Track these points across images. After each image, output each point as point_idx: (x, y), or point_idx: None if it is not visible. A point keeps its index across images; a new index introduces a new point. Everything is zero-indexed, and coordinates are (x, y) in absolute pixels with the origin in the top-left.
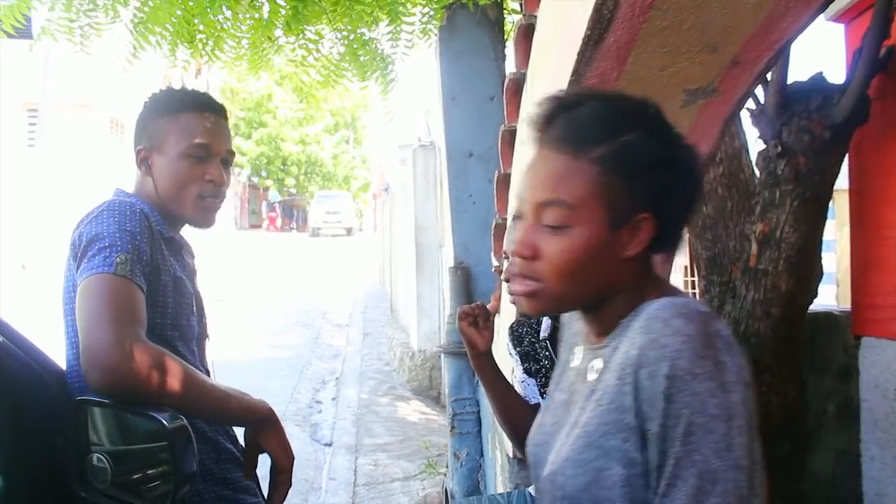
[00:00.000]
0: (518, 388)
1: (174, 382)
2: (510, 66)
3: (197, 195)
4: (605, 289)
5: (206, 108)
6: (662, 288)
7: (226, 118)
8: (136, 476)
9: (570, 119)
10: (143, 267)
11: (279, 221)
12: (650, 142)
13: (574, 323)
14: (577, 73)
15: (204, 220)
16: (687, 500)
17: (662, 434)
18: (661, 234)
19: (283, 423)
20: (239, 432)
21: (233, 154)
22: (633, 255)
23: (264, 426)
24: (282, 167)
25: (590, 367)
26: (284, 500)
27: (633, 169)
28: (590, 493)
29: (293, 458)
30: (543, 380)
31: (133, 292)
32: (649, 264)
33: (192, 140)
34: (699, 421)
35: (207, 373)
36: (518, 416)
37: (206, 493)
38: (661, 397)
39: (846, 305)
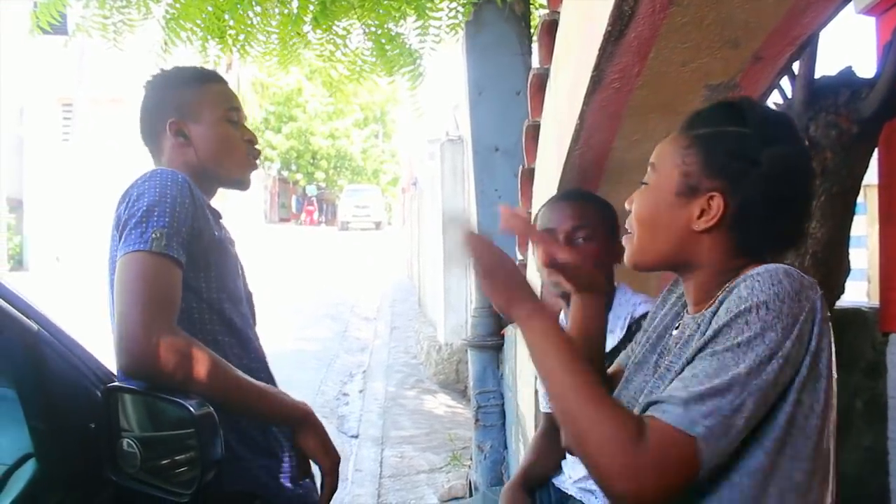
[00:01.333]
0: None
1: (202, 375)
2: (535, 62)
3: (242, 155)
4: (682, 255)
5: (220, 78)
6: (761, 263)
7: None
8: (164, 461)
9: (701, 110)
10: (182, 237)
11: (316, 215)
12: (748, 137)
13: (674, 298)
14: (599, 68)
15: (246, 179)
16: (699, 390)
17: (711, 337)
18: (741, 223)
19: None
20: None
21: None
22: (703, 228)
23: (301, 427)
24: (311, 161)
25: (687, 331)
26: (329, 500)
27: (715, 151)
28: None
29: (337, 459)
30: None
31: (169, 270)
32: (739, 249)
33: (227, 104)
34: (750, 341)
35: (258, 338)
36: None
37: (252, 464)
38: (730, 313)
39: (877, 302)
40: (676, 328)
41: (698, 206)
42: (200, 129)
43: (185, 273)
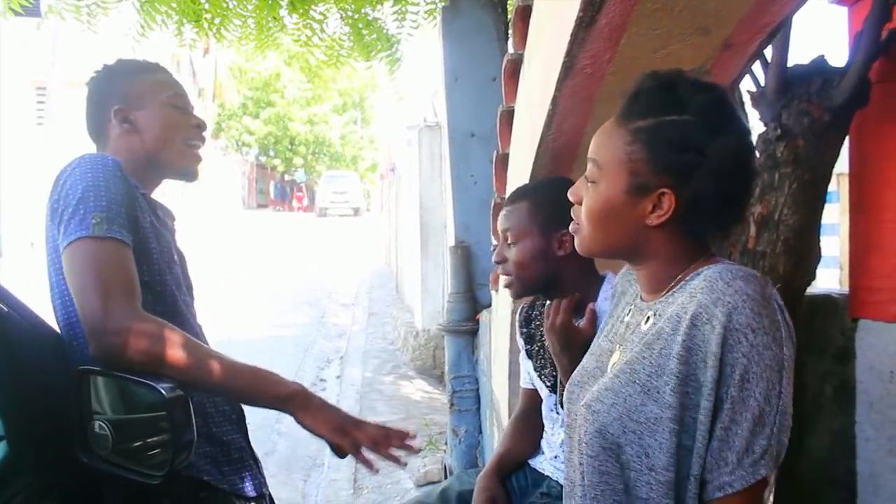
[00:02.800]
0: (521, 365)
1: (175, 357)
2: (510, 48)
3: (184, 140)
4: (636, 247)
5: (161, 68)
6: (713, 260)
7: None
8: (136, 444)
9: (635, 94)
10: (123, 218)
11: (306, 201)
12: (690, 126)
13: (629, 288)
14: (571, 54)
15: (190, 167)
16: (741, 441)
17: (718, 379)
18: (692, 215)
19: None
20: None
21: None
22: (656, 224)
23: (298, 408)
24: (290, 147)
25: (642, 319)
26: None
27: (660, 146)
28: (622, 423)
29: (354, 435)
30: (541, 362)
31: (117, 251)
32: (689, 239)
33: (170, 91)
34: (755, 370)
35: (200, 329)
36: None
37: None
38: (718, 347)
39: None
40: (629, 314)
41: (650, 202)
42: (145, 114)
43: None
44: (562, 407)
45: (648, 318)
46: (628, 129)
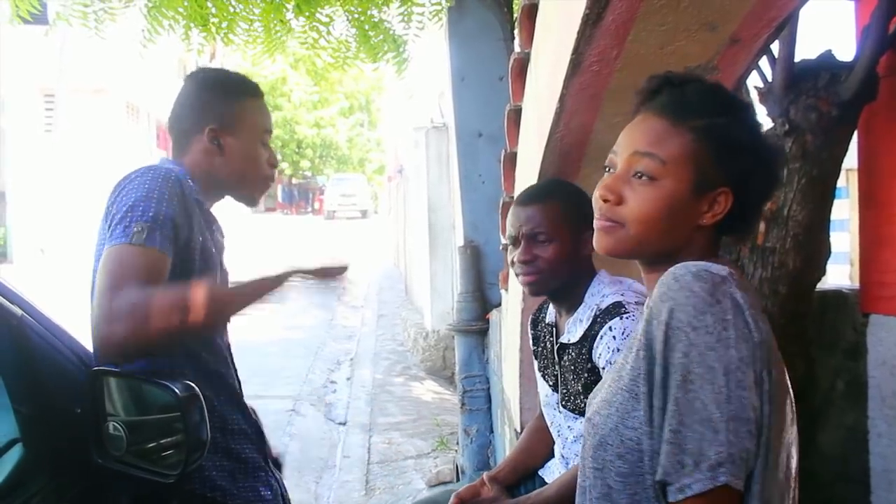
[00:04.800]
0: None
1: (168, 321)
2: (517, 46)
3: (266, 175)
4: (674, 248)
5: (262, 94)
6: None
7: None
8: (150, 444)
9: (674, 92)
10: (168, 232)
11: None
12: (740, 127)
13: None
14: (578, 51)
15: (257, 197)
16: (694, 445)
17: (663, 378)
18: (737, 215)
19: (298, 403)
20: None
21: None
22: (707, 224)
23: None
24: (297, 150)
25: None
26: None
27: (722, 145)
28: (618, 432)
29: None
30: (544, 361)
31: (150, 257)
32: (714, 241)
33: (267, 126)
34: (697, 371)
35: (228, 347)
36: None
37: (207, 462)
38: (661, 345)
39: (858, 284)
40: None
41: (706, 201)
42: (236, 143)
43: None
44: (564, 407)
45: None
46: (688, 128)
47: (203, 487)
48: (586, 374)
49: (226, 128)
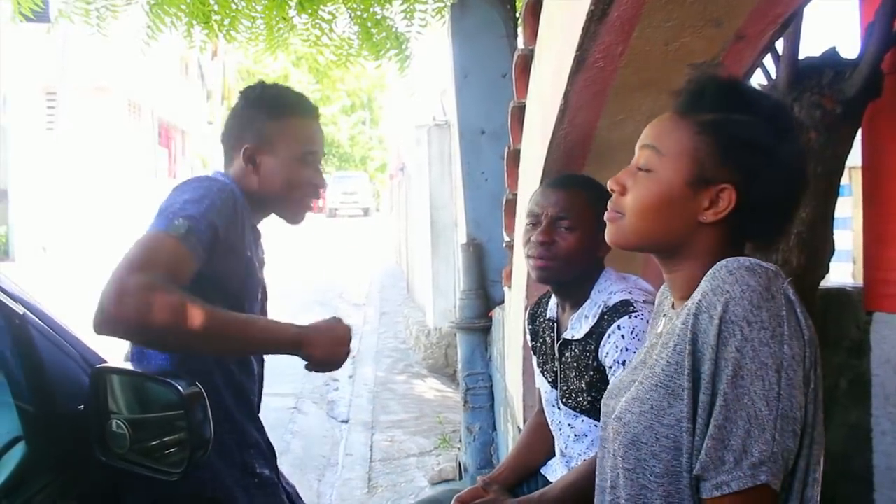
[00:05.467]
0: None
1: (177, 319)
2: (520, 43)
3: (303, 197)
4: (678, 243)
5: (312, 113)
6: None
7: (319, 119)
8: (153, 442)
9: (692, 89)
10: (207, 237)
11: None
12: (761, 126)
13: (664, 301)
14: (583, 48)
15: (298, 218)
16: (738, 442)
17: (713, 373)
18: (746, 218)
19: (300, 401)
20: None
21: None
22: (710, 221)
23: (296, 348)
24: None
25: (670, 326)
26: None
27: (730, 140)
28: (653, 430)
29: (340, 358)
30: (543, 357)
31: (178, 251)
32: (732, 244)
33: (305, 146)
34: (749, 366)
35: (262, 361)
36: None
37: (225, 474)
38: (714, 339)
39: (861, 282)
40: (661, 325)
41: (707, 197)
42: (272, 162)
43: (202, 280)
44: (564, 404)
45: (672, 320)
46: (695, 121)
47: (214, 491)
48: (591, 372)
49: (263, 146)
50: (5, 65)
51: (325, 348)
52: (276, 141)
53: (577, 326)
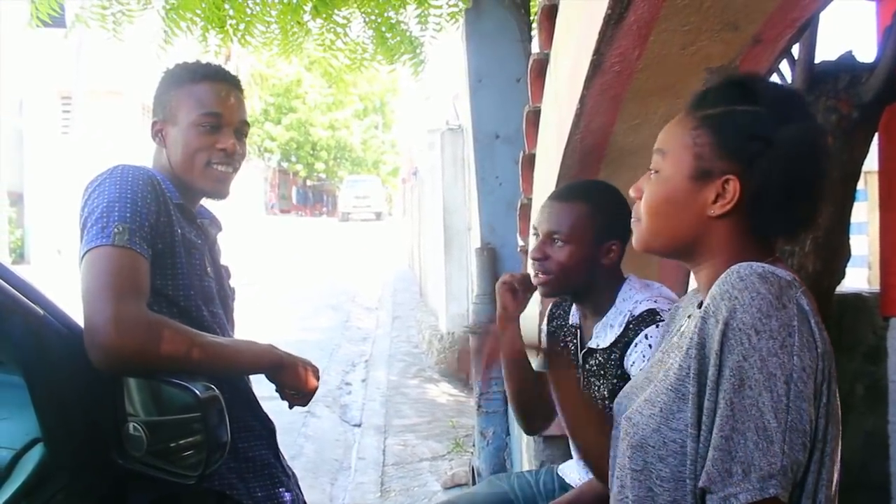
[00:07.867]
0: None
1: (177, 350)
2: (535, 47)
3: (205, 163)
4: (692, 241)
5: (217, 78)
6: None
7: (240, 89)
8: (170, 445)
9: (706, 90)
10: (146, 232)
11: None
12: (760, 115)
13: (677, 312)
14: (599, 52)
15: (214, 188)
16: (745, 454)
17: (716, 380)
18: (758, 208)
19: (313, 404)
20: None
21: (247, 125)
22: (719, 213)
23: (276, 370)
24: (311, 152)
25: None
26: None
27: (727, 130)
28: (661, 433)
29: (311, 388)
30: None
31: (134, 262)
32: (753, 237)
33: (203, 109)
34: (756, 376)
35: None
36: (526, 390)
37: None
38: (717, 344)
39: (878, 287)
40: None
41: (713, 190)
42: (174, 131)
43: (151, 271)
44: None
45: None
46: (697, 116)
47: (213, 483)
48: (615, 381)
49: (168, 119)
50: (21, 69)
51: (299, 374)
52: (176, 111)
53: (602, 335)
